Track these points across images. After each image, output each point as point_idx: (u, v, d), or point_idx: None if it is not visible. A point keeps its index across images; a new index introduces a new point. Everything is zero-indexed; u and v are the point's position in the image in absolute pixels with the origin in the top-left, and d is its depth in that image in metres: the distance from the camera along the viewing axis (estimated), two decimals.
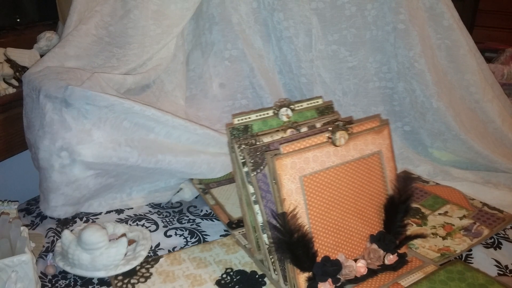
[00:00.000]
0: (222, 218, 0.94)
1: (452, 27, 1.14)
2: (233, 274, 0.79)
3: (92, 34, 1.01)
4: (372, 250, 0.74)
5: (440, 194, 0.99)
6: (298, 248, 0.66)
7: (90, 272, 0.77)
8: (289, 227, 0.66)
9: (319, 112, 0.85)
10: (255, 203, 0.74)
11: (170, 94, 1.12)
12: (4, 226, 0.73)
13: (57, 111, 0.85)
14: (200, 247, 0.86)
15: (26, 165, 1.01)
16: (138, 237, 0.86)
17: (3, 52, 1.05)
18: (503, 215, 0.92)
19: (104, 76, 0.93)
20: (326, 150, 0.71)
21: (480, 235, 0.86)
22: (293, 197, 0.68)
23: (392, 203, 0.77)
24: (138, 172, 0.95)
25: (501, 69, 1.59)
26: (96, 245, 0.76)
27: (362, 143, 0.74)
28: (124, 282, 0.77)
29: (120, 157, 0.88)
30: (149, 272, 0.79)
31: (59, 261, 0.79)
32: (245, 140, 0.74)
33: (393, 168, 0.78)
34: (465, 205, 0.96)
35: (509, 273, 0.80)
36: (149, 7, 1.07)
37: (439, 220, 0.92)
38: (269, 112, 0.81)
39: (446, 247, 0.83)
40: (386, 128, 0.77)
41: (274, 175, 0.67)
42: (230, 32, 1.16)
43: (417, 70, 1.12)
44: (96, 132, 0.86)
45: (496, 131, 1.18)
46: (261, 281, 0.77)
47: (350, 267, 0.71)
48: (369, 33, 1.17)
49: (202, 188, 1.04)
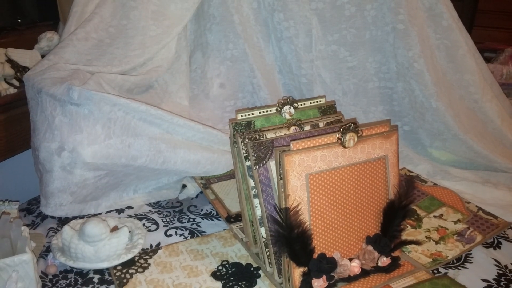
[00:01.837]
0: (221, 212, 0.96)
1: (451, 27, 1.14)
2: (228, 266, 0.80)
3: (92, 37, 1.01)
4: (367, 251, 0.76)
5: (437, 196, 0.99)
6: (296, 243, 0.68)
7: (94, 264, 0.78)
8: (290, 223, 0.67)
9: (322, 111, 0.85)
10: (255, 197, 0.75)
11: (174, 95, 1.13)
12: (5, 225, 0.73)
13: (66, 113, 0.85)
14: (198, 239, 0.88)
15: (27, 165, 1.01)
16: (131, 227, 0.88)
17: (4, 53, 1.05)
18: (498, 221, 0.91)
19: (105, 77, 0.94)
20: (335, 150, 0.72)
21: (473, 241, 0.86)
22: (297, 194, 0.69)
23: (392, 207, 0.77)
24: (145, 173, 0.96)
25: (500, 69, 1.59)
26: (99, 236, 0.78)
27: (370, 147, 0.75)
28: (123, 272, 0.79)
29: (128, 158, 0.89)
30: (147, 263, 0.81)
31: (60, 257, 0.79)
32: (249, 135, 0.75)
33: (396, 174, 0.79)
34: (460, 208, 0.95)
35: (508, 273, 0.80)
36: (149, 8, 1.07)
37: (433, 223, 0.92)
38: (272, 109, 0.82)
39: (438, 252, 0.83)
40: (395, 134, 0.78)
41: (281, 170, 0.68)
42: (232, 32, 1.16)
43: (416, 70, 1.12)
44: (105, 133, 0.86)
45: (495, 131, 1.18)
46: (256, 274, 0.79)
47: (344, 266, 0.73)
48: (368, 33, 1.18)
49: (203, 183, 1.06)
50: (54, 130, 0.85)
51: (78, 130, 0.85)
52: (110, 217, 0.89)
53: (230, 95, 1.21)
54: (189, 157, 0.95)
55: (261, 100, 1.18)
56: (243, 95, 1.21)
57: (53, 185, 0.88)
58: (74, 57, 0.97)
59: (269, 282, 0.77)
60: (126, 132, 0.89)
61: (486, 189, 1.06)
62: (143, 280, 0.77)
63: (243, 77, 1.20)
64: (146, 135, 0.91)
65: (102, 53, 1.01)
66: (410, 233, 0.89)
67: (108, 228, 0.80)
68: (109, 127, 0.87)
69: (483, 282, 0.78)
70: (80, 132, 0.85)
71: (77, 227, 0.83)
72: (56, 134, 0.85)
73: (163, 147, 0.92)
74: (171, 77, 1.13)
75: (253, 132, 0.76)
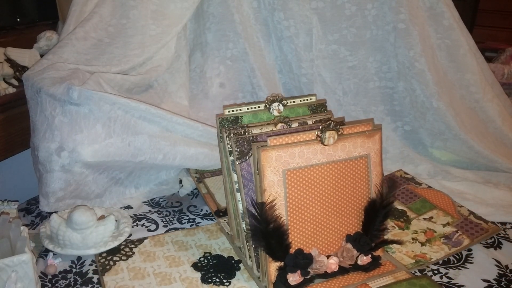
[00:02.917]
0: (211, 206, 0.97)
1: (452, 27, 1.14)
2: (210, 258, 0.82)
3: (92, 37, 1.01)
4: (346, 249, 0.76)
5: (429, 198, 0.99)
6: (272, 237, 0.69)
7: (82, 250, 0.81)
8: (266, 217, 0.68)
9: (312, 109, 0.85)
10: (238, 191, 0.76)
11: (174, 95, 1.13)
12: (4, 225, 0.73)
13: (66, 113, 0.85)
14: (185, 231, 0.90)
15: (26, 165, 1.01)
16: (117, 216, 0.90)
17: (3, 52, 1.05)
18: (488, 226, 0.90)
19: (105, 76, 0.93)
20: (313, 147, 0.72)
21: (459, 245, 0.85)
22: (274, 189, 0.70)
23: (373, 206, 0.78)
24: (145, 169, 0.98)
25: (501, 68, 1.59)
26: (86, 224, 0.80)
27: (351, 145, 0.75)
28: (107, 258, 0.81)
29: (129, 156, 0.89)
30: (132, 252, 0.84)
31: (48, 244, 0.82)
32: (235, 130, 0.75)
33: (379, 173, 0.79)
34: (451, 211, 0.95)
35: (509, 273, 0.80)
36: (148, 7, 1.07)
37: (422, 225, 0.91)
38: (260, 106, 0.82)
39: (422, 253, 0.83)
40: (378, 133, 0.78)
41: (258, 165, 0.69)
42: (232, 31, 1.16)
43: (417, 70, 1.12)
44: (105, 132, 0.87)
45: (496, 130, 1.18)
46: (236, 267, 0.80)
47: (321, 262, 0.73)
48: (369, 33, 1.17)
49: (197, 177, 1.07)
50: (54, 130, 0.85)
51: (78, 130, 0.85)
52: (97, 207, 0.92)
53: (230, 95, 1.21)
54: (188, 153, 0.96)
55: (261, 100, 1.18)
56: (243, 95, 1.21)
57: (53, 185, 0.88)
58: (73, 57, 0.97)
59: (247, 275, 0.78)
60: (126, 130, 0.89)
61: (487, 189, 1.05)
62: (125, 267, 0.79)
63: (243, 76, 1.20)
64: (146, 133, 0.91)
65: (101, 52, 1.00)
66: (397, 234, 0.89)
67: (95, 216, 0.83)
68: (109, 126, 0.87)
69: (484, 282, 0.77)
70: (80, 131, 0.85)
71: (65, 215, 0.86)
72: (56, 134, 0.85)
73: (162, 145, 0.93)
74: (170, 77, 1.13)
75: (239, 128, 0.76)
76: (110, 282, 0.76)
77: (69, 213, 0.82)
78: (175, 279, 0.77)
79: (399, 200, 0.99)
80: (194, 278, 0.77)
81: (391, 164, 1.14)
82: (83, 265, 0.81)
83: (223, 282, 0.76)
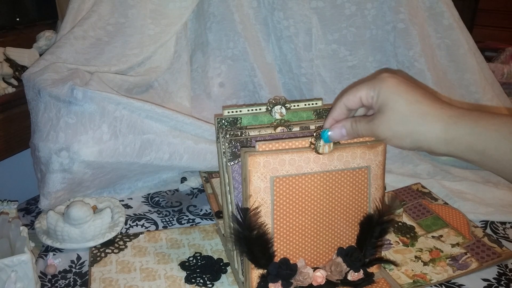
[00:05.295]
0: (213, 207, 0.97)
1: (452, 26, 1.14)
2: (200, 258, 0.82)
3: (90, 36, 1.01)
4: (335, 263, 0.72)
5: (442, 216, 0.93)
6: (255, 245, 0.67)
7: (81, 244, 0.83)
8: (249, 223, 0.66)
9: (317, 114, 0.81)
10: (229, 193, 0.75)
11: (175, 95, 1.12)
12: (3, 225, 0.73)
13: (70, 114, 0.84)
14: (181, 230, 0.91)
15: (25, 165, 1.01)
16: (111, 206, 0.91)
17: (2, 52, 1.05)
18: (502, 250, 0.83)
19: (105, 76, 0.93)
20: (306, 155, 0.68)
21: (465, 268, 0.79)
22: (260, 195, 0.67)
23: (370, 222, 0.73)
24: (149, 169, 0.97)
25: (501, 68, 1.59)
26: (84, 219, 0.82)
27: (349, 155, 0.70)
28: (100, 250, 0.83)
29: (133, 156, 0.89)
30: (125, 245, 0.84)
31: (46, 240, 0.83)
32: (231, 131, 0.73)
33: (380, 187, 0.74)
34: (464, 232, 0.88)
35: (509, 272, 0.80)
36: (147, 6, 1.06)
37: (429, 243, 0.86)
38: (261, 108, 0.78)
39: (423, 274, 0.78)
40: (381, 145, 0.72)
41: (244, 170, 0.67)
42: (232, 31, 1.16)
43: (417, 70, 1.12)
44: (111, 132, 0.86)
45: None
46: (223, 269, 0.80)
47: (306, 274, 0.69)
48: (369, 32, 1.17)
49: (205, 177, 1.08)
50: (59, 132, 0.84)
51: (83, 131, 0.84)
52: (87, 197, 0.94)
53: (232, 94, 1.21)
54: (195, 153, 0.96)
55: (263, 99, 1.18)
56: (244, 94, 1.21)
57: (55, 185, 0.87)
58: (71, 57, 0.97)
59: (233, 279, 0.77)
60: (133, 130, 0.89)
61: (487, 189, 1.05)
62: (114, 260, 0.80)
63: (244, 76, 1.19)
64: (153, 133, 0.91)
65: (100, 52, 1.00)
66: (400, 251, 0.84)
67: (91, 211, 0.85)
68: (115, 126, 0.87)
69: (484, 281, 0.77)
70: (85, 132, 0.84)
71: (61, 210, 0.88)
72: (60, 135, 0.84)
73: (169, 144, 0.92)
74: (171, 77, 1.12)
75: (236, 129, 0.74)
76: (97, 273, 0.77)
77: (66, 209, 0.84)
78: (160, 276, 0.77)
79: (409, 215, 0.94)
80: (179, 277, 0.77)
81: (391, 164, 1.14)
82: (83, 265, 0.81)
83: (206, 284, 0.75)
